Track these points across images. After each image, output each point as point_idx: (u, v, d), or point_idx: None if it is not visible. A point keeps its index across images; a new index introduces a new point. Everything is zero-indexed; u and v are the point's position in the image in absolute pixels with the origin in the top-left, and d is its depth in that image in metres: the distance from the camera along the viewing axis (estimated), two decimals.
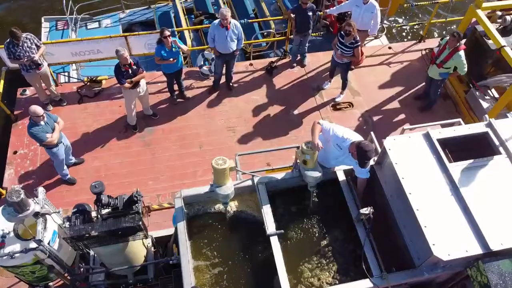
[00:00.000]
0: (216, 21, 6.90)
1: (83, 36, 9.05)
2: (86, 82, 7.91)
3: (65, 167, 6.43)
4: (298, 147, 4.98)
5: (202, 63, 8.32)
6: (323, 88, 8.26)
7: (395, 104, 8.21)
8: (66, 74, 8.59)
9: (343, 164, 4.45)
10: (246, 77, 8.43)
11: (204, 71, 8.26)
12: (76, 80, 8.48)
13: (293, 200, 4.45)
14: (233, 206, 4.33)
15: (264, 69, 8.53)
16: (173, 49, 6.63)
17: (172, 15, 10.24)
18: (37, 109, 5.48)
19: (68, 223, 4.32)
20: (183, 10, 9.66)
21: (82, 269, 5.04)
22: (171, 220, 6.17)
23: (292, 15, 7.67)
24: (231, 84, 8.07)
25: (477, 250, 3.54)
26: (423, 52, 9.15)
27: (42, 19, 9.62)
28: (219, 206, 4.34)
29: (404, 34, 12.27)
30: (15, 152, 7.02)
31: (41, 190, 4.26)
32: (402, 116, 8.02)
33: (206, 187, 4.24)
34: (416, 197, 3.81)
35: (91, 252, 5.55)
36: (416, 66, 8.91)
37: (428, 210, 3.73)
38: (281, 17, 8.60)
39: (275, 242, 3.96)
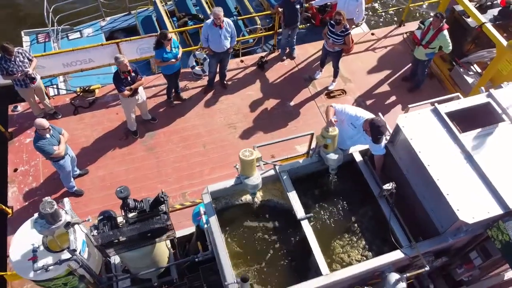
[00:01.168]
0: (209, 21, 6.96)
1: (66, 47, 8.91)
2: (79, 93, 7.80)
3: (72, 179, 6.35)
4: (312, 134, 5.16)
5: (193, 63, 8.35)
6: (315, 78, 8.46)
7: (385, 87, 8.51)
8: (55, 86, 8.44)
9: (358, 143, 4.65)
10: (239, 74, 8.53)
11: (197, 72, 8.30)
12: (65, 92, 8.34)
13: (314, 185, 4.60)
14: (258, 196, 4.43)
15: (255, 65, 8.65)
16: (173, 49, 6.65)
17: (154, 19, 10.20)
18: (42, 121, 5.40)
19: (96, 231, 4.33)
20: (166, 13, 9.63)
21: (111, 277, 5.03)
22: (185, 221, 6.25)
23: (280, 9, 7.82)
24: (225, 82, 8.15)
25: (497, 210, 3.79)
26: (405, 36, 9.50)
27: (22, 33, 9.40)
28: (245, 198, 4.44)
29: (381, 20, 12.64)
30: (15, 170, 6.87)
31: (66, 200, 4.25)
32: (393, 98, 8.32)
33: (231, 180, 4.33)
34: (435, 168, 4.02)
35: (112, 260, 5.56)
36: (400, 49, 9.24)
37: (447, 179, 3.95)
38: (269, 12, 8.70)
39: (306, 225, 4.10)
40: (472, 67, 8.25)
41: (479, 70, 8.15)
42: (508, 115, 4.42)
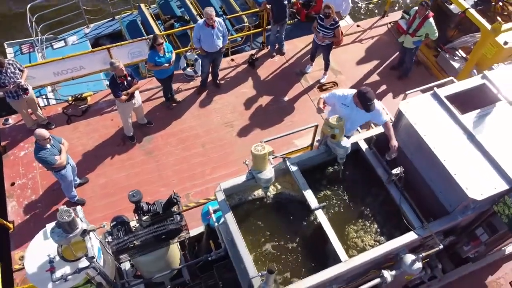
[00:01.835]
0: (201, 21, 6.97)
1: (52, 57, 8.77)
2: (71, 101, 7.68)
3: (73, 188, 6.27)
4: (316, 126, 5.25)
5: (184, 65, 8.33)
6: (306, 72, 8.56)
7: (374, 77, 8.67)
8: (44, 97, 8.29)
9: (357, 123, 4.81)
10: (230, 72, 8.55)
11: (189, 73, 8.29)
12: (55, 102, 8.20)
13: (323, 175, 4.68)
14: (270, 190, 4.48)
15: (246, 63, 8.69)
16: (166, 54, 6.63)
17: (140, 23, 10.11)
18: (42, 132, 5.32)
19: (110, 237, 4.31)
20: (152, 16, 9.57)
21: (124, 283, 5.00)
22: (191, 222, 6.23)
23: (268, 6, 7.88)
24: (218, 81, 8.17)
25: (503, 186, 3.95)
26: (389, 26, 9.70)
27: (5, 45, 9.19)
28: (258, 193, 4.49)
29: (362, 12, 12.86)
30: (12, 184, 6.74)
31: (79, 208, 4.20)
32: (383, 87, 8.50)
33: (243, 176, 4.37)
34: (440, 150, 4.16)
35: (122, 266, 5.52)
36: (385, 39, 9.43)
37: (453, 160, 4.09)
38: (257, 9, 8.75)
39: (320, 215, 4.18)
40: (457, 52, 8.49)
41: (464, 55, 8.40)
42: (504, 94, 4.60)
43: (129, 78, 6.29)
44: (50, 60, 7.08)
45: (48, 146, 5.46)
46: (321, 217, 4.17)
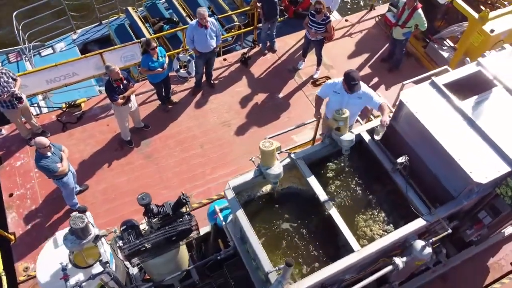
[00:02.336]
0: (194, 22, 6.96)
1: (40, 65, 8.65)
2: (65, 109, 7.59)
3: (75, 195, 6.20)
4: (319, 119, 5.31)
5: (177, 67, 8.31)
6: (299, 68, 8.62)
7: (366, 70, 8.79)
8: (36, 105, 8.16)
9: (353, 111, 4.91)
10: (224, 72, 8.56)
11: (182, 75, 8.27)
12: (47, 110, 8.08)
13: (328, 167, 4.74)
14: (278, 185, 4.52)
15: (238, 62, 8.70)
16: (160, 58, 6.60)
17: (128, 26, 10.02)
18: (42, 140, 5.26)
19: (121, 241, 4.28)
20: (140, 19, 9.51)
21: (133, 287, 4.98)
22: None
23: (259, 4, 7.91)
24: (212, 81, 8.17)
25: (506, 168, 4.06)
26: (377, 19, 9.83)
27: None
28: (266, 189, 4.52)
29: (348, 7, 13.01)
30: (10, 195, 6.63)
31: (89, 214, 4.18)
32: (375, 79, 8.61)
33: (251, 173, 4.40)
34: (443, 137, 4.24)
35: (130, 271, 5.49)
36: (374, 33, 9.56)
37: (456, 145, 4.19)
38: (248, 8, 8.77)
39: (330, 207, 4.24)
40: (445, 42, 8.66)
41: (452, 44, 8.57)
42: (499, 80, 4.73)
43: (125, 82, 6.25)
44: (42, 68, 6.98)
45: (49, 154, 5.39)
46: (331, 209, 4.23)
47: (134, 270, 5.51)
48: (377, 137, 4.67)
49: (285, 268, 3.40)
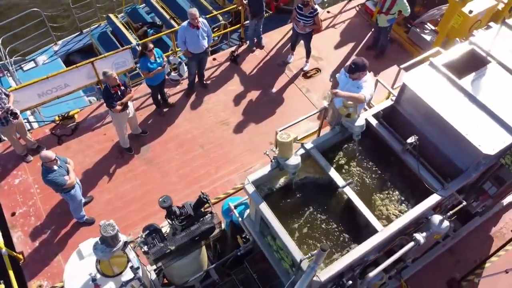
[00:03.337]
0: (185, 23, 6.94)
1: (24, 80, 8.45)
2: (58, 121, 7.43)
3: (82, 208, 6.11)
4: (325, 108, 5.42)
5: (169, 70, 8.26)
6: (289, 62, 8.73)
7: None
8: (26, 120, 7.94)
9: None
10: (215, 72, 8.57)
11: (174, 77, 8.23)
12: (38, 125, 7.88)
13: (340, 154, 4.87)
14: (295, 176, 4.59)
15: (228, 60, 8.73)
16: (157, 59, 6.57)
17: (110, 33, 9.87)
18: (48, 153, 5.16)
19: (145, 246, 4.27)
20: (124, 25, 9.38)
21: None
22: None
23: (245, 1, 7.97)
24: (204, 81, 8.17)
25: (510, 139, 4.28)
26: (357, 8, 10.05)
27: None
28: (283, 181, 4.59)
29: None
30: (13, 214, 6.46)
31: (112, 222, 4.13)
32: None
33: (268, 166, 4.46)
34: (449, 115, 4.43)
35: (149, 276, 5.47)
36: (356, 22, 9.77)
37: (461, 121, 4.38)
38: (233, 6, 8.79)
39: (349, 191, 4.36)
40: (426, 26, 8.95)
41: (433, 28, 8.87)
42: (492, 56, 4.96)
43: (122, 88, 6.19)
44: (33, 82, 6.80)
45: (55, 167, 5.30)
46: (350, 193, 4.35)
47: (152, 275, 5.49)
48: (325, 102, 4.81)
49: (319, 253, 3.48)
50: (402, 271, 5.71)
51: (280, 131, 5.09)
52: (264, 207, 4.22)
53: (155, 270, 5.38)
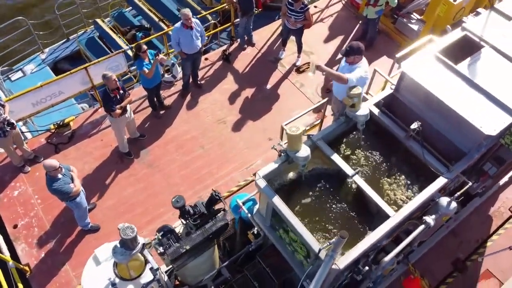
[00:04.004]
0: (178, 24, 6.93)
1: (13, 90, 8.33)
2: (53, 130, 7.33)
3: (87, 215, 6.05)
4: (326, 100, 5.49)
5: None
6: (280, 58, 8.80)
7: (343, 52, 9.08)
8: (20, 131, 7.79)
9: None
10: (208, 71, 8.58)
11: (168, 79, 8.20)
12: (31, 136, 7.75)
13: (346, 144, 4.95)
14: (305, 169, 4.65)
15: (220, 59, 8.75)
16: (152, 60, 6.54)
17: (98, 39, 9.76)
18: (52, 162, 5.10)
19: (161, 247, 4.27)
20: (112, 30, 9.29)
21: None
22: None
23: (235, 0, 7.99)
24: (198, 82, 8.17)
25: (509, 119, 4.43)
26: (343, 2, 10.18)
27: None
28: (292, 174, 4.65)
29: None
30: (15, 226, 6.36)
31: (126, 224, 4.12)
32: None
33: (277, 161, 4.51)
34: (449, 99, 4.55)
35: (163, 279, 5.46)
36: (343, 15, 9.91)
37: (461, 105, 4.51)
38: (223, 5, 8.79)
39: (358, 180, 4.45)
40: (412, 15, 9.14)
41: (419, 17, 9.07)
42: (485, 40, 5.12)
43: (121, 92, 6.15)
44: (26, 91, 6.68)
45: (60, 175, 5.24)
46: (359, 181, 4.43)
47: (164, 277, 5.48)
48: (310, 74, 5.00)
49: (338, 241, 3.54)
50: (409, 255, 5.87)
51: (285, 125, 5.15)
52: (277, 200, 4.26)
53: (166, 272, 5.37)
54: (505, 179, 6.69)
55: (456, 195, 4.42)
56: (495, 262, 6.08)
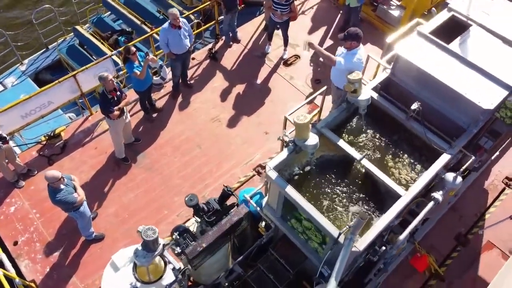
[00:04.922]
0: (165, 25, 6.85)
1: None
2: (44, 142, 7.14)
3: (91, 224, 5.93)
4: (325, 88, 5.55)
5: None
6: (267, 52, 8.82)
7: (328, 42, 9.21)
8: None
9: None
10: (196, 71, 8.52)
11: (157, 82, 8.10)
12: (20, 150, 7.51)
13: (349, 129, 5.04)
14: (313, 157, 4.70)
15: (207, 58, 8.71)
16: (142, 63, 6.45)
17: (78, 46, 9.54)
18: (54, 173, 4.97)
19: (178, 248, 4.25)
20: (93, 35, 9.10)
21: None
22: None
23: None
24: (188, 82, 8.11)
25: (504, 92, 4.59)
26: None
27: None
28: (300, 163, 4.70)
29: None
30: (15, 243, 6.16)
31: (146, 226, 4.07)
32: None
33: (285, 151, 4.55)
34: (445, 77, 4.69)
35: None
36: (324, 6, 10.00)
37: (457, 82, 4.65)
38: (206, 3, 8.72)
39: (366, 162, 4.54)
40: (391, 2, 9.33)
41: (398, 3, 9.26)
42: (472, 19, 5.29)
43: (118, 93, 6.05)
44: (14, 103, 6.46)
45: (62, 186, 5.12)
46: (367, 164, 4.52)
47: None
48: (305, 52, 5.18)
49: (358, 222, 3.61)
50: (414, 234, 6.01)
51: (289, 115, 5.19)
52: (291, 190, 4.30)
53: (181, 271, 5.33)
54: (497, 153, 6.95)
55: (461, 169, 4.55)
56: (495, 233, 6.30)
